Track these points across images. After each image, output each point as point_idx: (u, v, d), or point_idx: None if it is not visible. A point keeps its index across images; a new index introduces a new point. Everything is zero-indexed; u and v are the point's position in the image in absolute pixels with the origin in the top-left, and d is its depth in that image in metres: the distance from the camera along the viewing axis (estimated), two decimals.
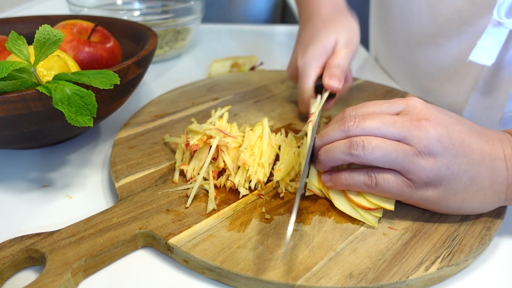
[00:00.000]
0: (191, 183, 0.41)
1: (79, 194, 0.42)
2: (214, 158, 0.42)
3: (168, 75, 0.74)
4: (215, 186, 0.40)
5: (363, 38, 0.86)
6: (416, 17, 0.61)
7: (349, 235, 0.35)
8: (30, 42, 0.38)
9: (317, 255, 0.33)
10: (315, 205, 0.39)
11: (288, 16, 1.48)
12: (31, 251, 0.33)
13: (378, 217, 0.37)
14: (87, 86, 0.38)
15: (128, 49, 0.57)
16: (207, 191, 0.40)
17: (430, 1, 0.57)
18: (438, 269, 0.33)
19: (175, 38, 0.78)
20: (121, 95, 0.46)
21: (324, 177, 0.39)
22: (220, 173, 0.42)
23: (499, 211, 0.38)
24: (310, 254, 0.33)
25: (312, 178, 0.40)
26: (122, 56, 0.55)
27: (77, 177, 0.45)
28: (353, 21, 0.54)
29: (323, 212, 0.38)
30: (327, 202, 0.39)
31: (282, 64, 0.79)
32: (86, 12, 0.72)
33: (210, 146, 0.41)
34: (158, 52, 0.77)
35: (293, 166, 0.43)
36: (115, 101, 0.46)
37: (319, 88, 0.51)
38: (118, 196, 0.39)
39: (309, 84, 0.51)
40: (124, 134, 0.49)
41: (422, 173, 0.34)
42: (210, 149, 0.41)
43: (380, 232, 0.36)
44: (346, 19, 0.54)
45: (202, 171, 0.40)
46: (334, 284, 0.31)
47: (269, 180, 0.42)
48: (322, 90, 0.50)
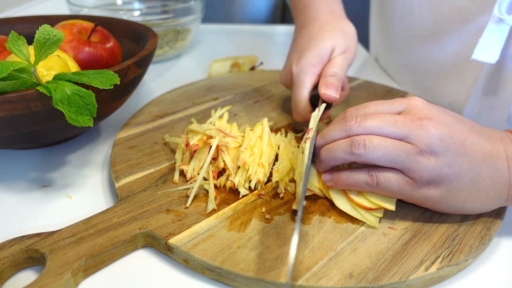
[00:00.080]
0: (191, 183, 0.41)
1: (79, 194, 0.42)
2: (214, 158, 0.42)
3: (168, 75, 0.74)
4: (215, 186, 0.40)
5: (363, 38, 0.86)
6: (416, 15, 0.61)
7: (349, 235, 0.35)
8: (30, 42, 0.38)
9: (317, 255, 0.33)
10: (315, 205, 0.39)
11: (288, 16, 1.48)
12: (31, 251, 0.33)
13: (379, 217, 0.37)
14: (87, 86, 0.38)
15: (128, 49, 0.57)
16: (207, 191, 0.40)
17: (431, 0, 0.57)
18: (438, 269, 0.33)
19: (175, 38, 0.78)
20: (121, 95, 0.46)
21: (325, 176, 0.39)
22: (220, 173, 0.42)
23: (499, 211, 0.38)
24: (310, 254, 0.33)
25: (312, 178, 0.40)
26: (122, 56, 0.55)
27: (77, 177, 0.45)
28: (350, 27, 0.52)
29: (323, 212, 0.38)
30: (327, 202, 0.39)
31: (282, 64, 0.79)
32: (86, 12, 0.72)
33: (210, 146, 0.41)
34: (158, 52, 0.77)
35: (292, 166, 0.43)
36: (115, 101, 0.46)
37: (315, 97, 0.48)
38: (118, 196, 0.39)
39: (304, 93, 0.48)
40: (124, 134, 0.49)
41: (424, 171, 0.34)
42: (210, 149, 0.41)
43: (380, 232, 0.36)
44: (343, 25, 0.52)
45: (202, 171, 0.40)
46: (334, 284, 0.31)
47: (269, 180, 0.42)
48: (317, 100, 0.48)
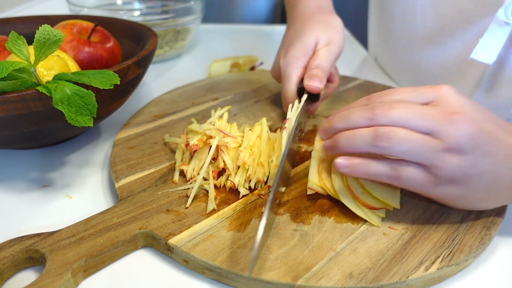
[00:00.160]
0: (191, 183, 0.41)
1: (79, 194, 0.42)
2: (214, 158, 0.42)
3: (168, 75, 0.74)
4: (215, 186, 0.40)
5: (363, 38, 0.86)
6: (419, 17, 0.61)
7: (349, 235, 0.35)
8: (30, 42, 0.38)
9: (317, 255, 0.33)
10: (315, 205, 0.39)
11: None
12: (31, 251, 0.33)
13: (382, 216, 0.37)
14: (87, 86, 0.38)
15: (128, 49, 0.57)
16: (207, 191, 0.40)
17: (434, 1, 0.57)
18: (438, 269, 0.33)
19: (175, 38, 0.78)
20: (121, 95, 0.46)
21: (339, 161, 0.36)
22: (220, 173, 0.42)
23: (499, 211, 0.38)
24: (310, 254, 0.33)
25: (312, 177, 0.40)
26: (122, 56, 0.55)
27: (77, 177, 0.45)
28: (335, 19, 0.53)
29: (323, 212, 0.38)
30: (327, 202, 0.39)
31: None
32: (86, 12, 0.72)
33: (210, 146, 0.41)
34: (158, 52, 0.77)
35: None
36: (115, 101, 0.46)
37: (301, 90, 0.50)
38: (118, 196, 0.39)
39: (291, 85, 0.50)
40: (124, 134, 0.49)
41: (449, 169, 0.33)
42: (210, 149, 0.41)
43: (380, 232, 0.36)
44: (327, 18, 0.53)
45: (202, 171, 0.40)
46: (334, 284, 0.31)
47: (268, 179, 0.42)
48: (303, 93, 0.49)
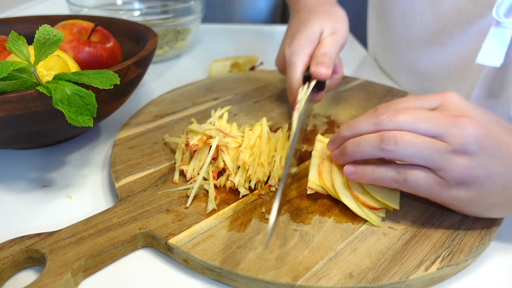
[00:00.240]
0: (191, 183, 0.41)
1: (79, 194, 0.42)
2: (214, 158, 0.42)
3: (168, 75, 0.74)
4: (215, 186, 0.40)
5: (363, 38, 0.86)
6: (418, 17, 0.61)
7: (349, 235, 0.35)
8: (30, 42, 0.38)
9: (317, 255, 0.33)
10: (315, 205, 0.39)
11: (288, 16, 1.48)
12: (31, 251, 0.33)
13: (382, 216, 0.37)
14: (87, 86, 0.38)
15: (128, 49, 0.57)
16: (207, 191, 0.40)
17: (433, 1, 0.57)
18: (438, 269, 0.33)
19: (175, 38, 0.78)
20: (121, 95, 0.46)
21: (348, 169, 0.37)
22: (220, 173, 0.42)
23: None
24: (310, 254, 0.33)
25: (312, 176, 0.40)
26: (122, 56, 0.55)
27: (77, 177, 0.45)
28: (339, 10, 0.54)
29: (323, 212, 0.38)
30: (327, 202, 0.39)
31: None
32: (86, 12, 0.72)
33: (210, 146, 0.41)
34: (158, 52, 0.77)
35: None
36: (115, 101, 0.46)
37: (307, 79, 0.50)
38: (118, 196, 0.39)
39: (296, 73, 0.50)
40: (124, 134, 0.49)
41: (456, 171, 0.33)
42: (210, 149, 0.41)
43: (380, 232, 0.36)
44: (331, 9, 0.54)
45: (202, 171, 0.40)
46: (334, 284, 0.31)
47: (269, 179, 0.42)
48: (309, 81, 0.49)
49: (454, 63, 0.58)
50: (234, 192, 0.40)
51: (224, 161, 0.41)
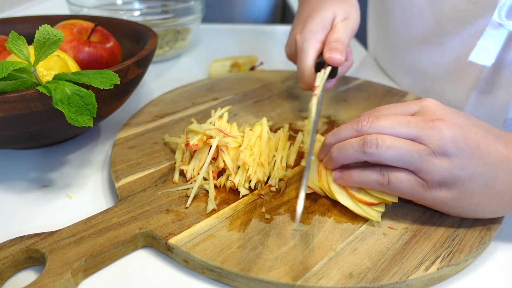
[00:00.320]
0: (191, 183, 0.41)
1: (79, 194, 0.42)
2: (214, 158, 0.42)
3: (168, 75, 0.74)
4: (215, 186, 0.40)
5: (362, 38, 0.86)
6: (417, 18, 0.61)
7: (349, 235, 0.35)
8: (30, 42, 0.38)
9: (317, 255, 0.33)
10: (315, 205, 0.39)
11: (288, 16, 1.48)
12: (31, 251, 0.33)
13: (381, 211, 0.37)
14: (87, 86, 0.38)
15: (128, 49, 0.57)
16: (207, 191, 0.40)
17: (432, 2, 0.57)
18: (438, 269, 0.33)
19: (175, 38, 0.78)
20: (121, 95, 0.46)
21: (335, 174, 0.39)
22: (220, 173, 0.42)
23: None
24: (310, 254, 0.33)
25: (312, 176, 0.40)
26: (122, 56, 0.55)
27: (77, 177, 0.45)
28: None
29: (323, 212, 0.38)
30: (327, 202, 0.39)
31: (282, 64, 0.79)
32: (86, 12, 0.72)
33: (210, 146, 0.41)
34: (158, 52, 0.77)
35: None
36: (115, 101, 0.46)
37: (320, 65, 0.49)
38: (118, 196, 0.39)
39: (309, 60, 0.49)
40: (124, 134, 0.49)
41: (436, 172, 0.34)
42: (210, 149, 0.41)
43: (380, 232, 0.36)
44: None
45: (202, 171, 0.40)
46: (334, 284, 0.31)
47: (269, 179, 0.42)
48: (322, 67, 0.49)
49: (454, 64, 0.58)
50: (234, 192, 0.40)
51: (224, 161, 0.41)
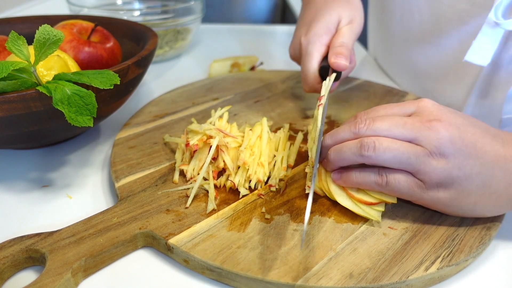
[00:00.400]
0: (191, 183, 0.41)
1: (79, 194, 0.42)
2: (214, 158, 0.42)
3: (168, 75, 0.74)
4: (215, 186, 0.40)
5: (362, 37, 0.86)
6: (416, 17, 0.61)
7: (349, 235, 0.35)
8: (30, 42, 0.38)
9: (317, 255, 0.33)
10: (315, 205, 0.39)
11: (288, 16, 1.48)
12: (31, 251, 0.33)
13: (381, 211, 0.37)
14: (87, 86, 0.38)
15: (128, 49, 0.57)
16: (207, 191, 0.40)
17: (431, 2, 0.57)
18: (438, 269, 0.33)
19: (175, 38, 0.78)
20: (121, 95, 0.46)
21: (334, 175, 0.39)
22: (220, 173, 0.42)
23: None
24: (310, 254, 0.33)
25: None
26: (122, 56, 0.55)
27: (77, 177, 0.45)
28: None
29: (323, 212, 0.38)
30: (327, 202, 0.39)
31: (282, 64, 0.79)
32: (86, 12, 0.72)
33: (210, 146, 0.41)
34: (158, 52, 0.77)
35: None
36: (115, 101, 0.46)
37: (324, 69, 0.49)
38: (118, 196, 0.39)
39: (313, 63, 0.49)
40: (124, 134, 0.49)
41: (433, 173, 0.34)
42: (210, 149, 0.41)
43: (380, 232, 0.36)
44: None
45: (202, 171, 0.40)
46: (334, 284, 0.31)
47: (269, 179, 0.42)
48: (326, 71, 0.49)
49: (451, 63, 0.58)
50: (234, 192, 0.40)
51: (224, 161, 0.41)
